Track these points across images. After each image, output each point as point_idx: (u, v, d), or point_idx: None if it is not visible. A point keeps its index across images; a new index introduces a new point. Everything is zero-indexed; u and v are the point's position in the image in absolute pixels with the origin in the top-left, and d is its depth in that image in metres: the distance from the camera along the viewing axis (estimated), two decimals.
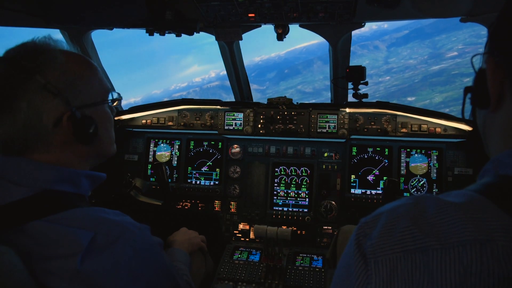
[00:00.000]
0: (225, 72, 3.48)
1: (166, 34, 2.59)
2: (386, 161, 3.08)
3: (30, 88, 1.11)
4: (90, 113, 1.24)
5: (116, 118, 3.42)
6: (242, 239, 3.26)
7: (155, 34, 2.58)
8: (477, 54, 0.85)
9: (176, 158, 3.43)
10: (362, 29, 2.84)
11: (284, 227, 3.17)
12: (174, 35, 2.60)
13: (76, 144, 1.22)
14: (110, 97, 1.35)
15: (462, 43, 55.81)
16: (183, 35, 2.61)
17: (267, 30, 3.05)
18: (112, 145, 1.39)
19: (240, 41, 3.09)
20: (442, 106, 40.63)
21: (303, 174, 3.19)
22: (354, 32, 2.87)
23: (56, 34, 2.88)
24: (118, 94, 1.44)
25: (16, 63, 1.12)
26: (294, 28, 2.75)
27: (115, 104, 1.41)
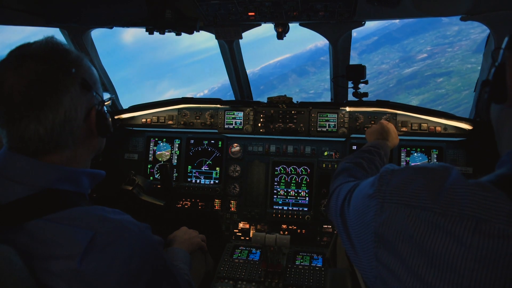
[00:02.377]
0: (201, 94, 3.49)
1: (165, 33, 2.59)
2: None
3: (70, 83, 1.15)
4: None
5: (116, 117, 3.42)
6: (242, 238, 3.26)
7: (154, 33, 2.58)
8: (498, 48, 0.86)
9: (176, 157, 3.43)
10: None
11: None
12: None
13: (92, 137, 1.29)
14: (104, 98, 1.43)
15: (430, 45, 56.33)
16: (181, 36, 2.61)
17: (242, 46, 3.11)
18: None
19: (237, 43, 3.09)
20: None
21: (303, 173, 3.19)
22: (323, 43, 2.86)
23: (56, 33, 2.88)
24: (111, 94, 1.50)
25: (52, 60, 1.13)
26: (266, 44, 2.76)
27: (107, 103, 1.45)
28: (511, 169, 0.74)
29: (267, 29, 2.78)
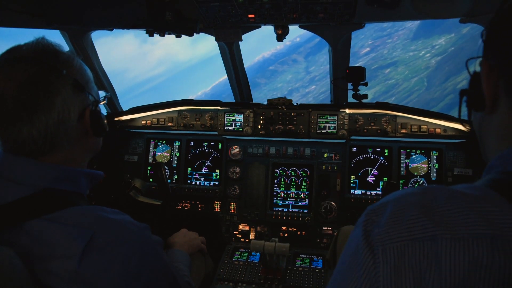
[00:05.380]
0: None
1: (165, 35, 2.59)
2: (382, 158, 3.08)
3: (62, 84, 1.15)
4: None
5: (116, 119, 3.42)
6: (242, 240, 3.26)
7: (154, 35, 2.59)
8: (472, 58, 0.86)
9: (176, 159, 3.43)
10: (277, 46, 2.88)
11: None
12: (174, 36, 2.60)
13: (88, 137, 1.28)
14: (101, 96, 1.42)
15: (370, 39, 57.22)
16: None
17: (204, 64, 2.96)
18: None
19: (236, 45, 3.09)
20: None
21: (303, 174, 3.19)
22: (270, 52, 2.87)
23: (56, 35, 2.88)
24: (106, 92, 1.49)
25: (42, 62, 1.13)
26: (210, 64, 2.73)
27: (103, 102, 1.45)
28: (503, 174, 0.71)
29: (211, 48, 2.70)
